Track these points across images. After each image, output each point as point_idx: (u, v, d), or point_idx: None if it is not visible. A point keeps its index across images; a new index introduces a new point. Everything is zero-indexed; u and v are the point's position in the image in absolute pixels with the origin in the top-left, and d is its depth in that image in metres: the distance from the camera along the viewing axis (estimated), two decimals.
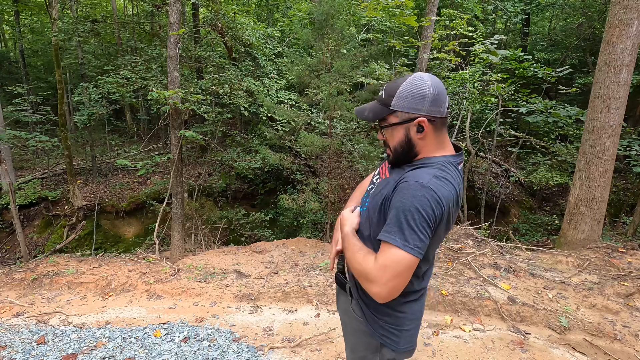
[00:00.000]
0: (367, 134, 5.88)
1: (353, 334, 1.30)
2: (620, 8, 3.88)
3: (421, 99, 1.07)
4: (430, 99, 1.07)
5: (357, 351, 1.29)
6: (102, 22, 9.55)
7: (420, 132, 1.09)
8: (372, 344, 1.23)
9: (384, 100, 1.13)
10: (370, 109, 1.16)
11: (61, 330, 2.97)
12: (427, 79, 1.08)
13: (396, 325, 1.20)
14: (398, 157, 1.16)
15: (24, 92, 8.04)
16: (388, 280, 1.01)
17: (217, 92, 6.62)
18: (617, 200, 7.46)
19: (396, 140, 1.13)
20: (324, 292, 3.32)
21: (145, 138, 10.97)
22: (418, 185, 1.02)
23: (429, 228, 1.01)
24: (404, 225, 1.00)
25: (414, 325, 1.25)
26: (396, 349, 1.21)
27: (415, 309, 1.23)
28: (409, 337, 1.23)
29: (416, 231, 1.00)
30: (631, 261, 3.68)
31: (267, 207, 8.53)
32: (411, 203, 1.00)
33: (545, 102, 6.54)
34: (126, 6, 14.37)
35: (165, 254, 4.76)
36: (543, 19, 13.12)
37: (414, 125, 1.09)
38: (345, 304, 1.33)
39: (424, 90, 1.07)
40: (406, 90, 1.08)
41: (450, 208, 1.06)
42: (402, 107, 1.09)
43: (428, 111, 1.08)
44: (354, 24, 7.80)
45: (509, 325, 2.84)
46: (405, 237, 1.00)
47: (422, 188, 1.01)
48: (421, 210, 0.99)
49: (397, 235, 1.01)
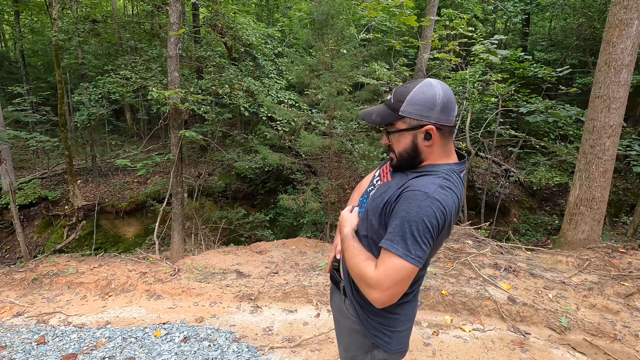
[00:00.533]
0: (367, 134, 5.88)
1: (346, 333, 1.30)
2: (620, 8, 3.88)
3: (431, 107, 1.06)
4: (440, 107, 1.06)
5: (350, 350, 1.29)
6: (102, 22, 9.54)
7: (428, 140, 1.08)
8: (364, 344, 1.24)
9: (392, 105, 1.11)
10: (378, 112, 1.14)
11: (61, 330, 2.97)
12: (437, 86, 1.07)
13: (389, 327, 1.21)
14: (403, 162, 1.14)
15: (24, 92, 8.04)
16: (388, 287, 1.02)
17: (217, 92, 6.62)
18: (617, 200, 7.46)
19: (402, 146, 1.12)
20: (324, 292, 3.32)
21: (145, 138, 10.97)
22: (424, 195, 1.01)
23: (432, 238, 1.02)
24: (407, 235, 1.00)
25: (407, 326, 1.25)
26: (388, 349, 1.21)
27: (408, 311, 1.24)
28: (401, 339, 1.23)
29: (419, 242, 1.00)
30: (631, 261, 3.68)
31: (267, 207, 8.53)
32: (417, 213, 1.00)
33: (545, 102, 6.54)
34: (126, 6, 14.38)
35: (165, 254, 4.76)
36: (543, 19, 13.13)
37: (421, 133, 1.08)
38: (338, 302, 1.33)
39: (434, 97, 1.06)
40: (416, 97, 1.06)
41: (452, 216, 1.06)
42: (411, 113, 1.07)
43: (437, 119, 1.07)
44: (354, 24, 7.80)
45: (509, 325, 2.84)
46: (408, 247, 1.00)
47: (428, 199, 1.00)
48: (426, 221, 0.99)
49: (400, 244, 1.01)
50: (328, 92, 4.88)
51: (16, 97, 8.11)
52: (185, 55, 7.02)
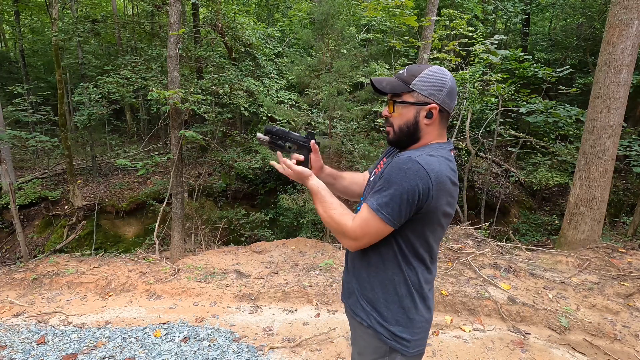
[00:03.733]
0: (367, 134, 5.89)
1: (361, 336, 1.27)
2: (621, 8, 3.88)
3: (440, 88, 1.12)
4: (447, 90, 1.13)
5: (365, 354, 1.26)
6: (102, 22, 9.55)
7: (429, 118, 1.14)
8: (381, 347, 1.21)
9: (404, 78, 1.15)
10: (389, 82, 1.18)
11: (61, 330, 2.97)
12: (448, 73, 1.15)
13: (410, 330, 1.18)
14: (400, 136, 1.18)
15: (24, 92, 8.04)
16: (360, 237, 1.11)
17: (217, 92, 6.62)
18: (617, 200, 7.45)
19: (404, 119, 1.16)
20: (324, 292, 3.32)
21: (145, 138, 10.98)
22: (407, 159, 1.06)
23: (411, 199, 1.04)
24: (384, 193, 1.06)
25: (426, 328, 1.23)
26: (407, 353, 1.18)
27: (426, 314, 1.22)
28: (419, 341, 1.21)
29: (395, 200, 1.04)
30: (631, 261, 3.68)
31: (267, 207, 8.52)
32: (397, 174, 1.05)
33: (545, 102, 6.53)
34: (126, 6, 14.38)
35: (165, 254, 4.75)
36: (543, 19, 13.13)
37: (425, 110, 1.13)
38: (354, 305, 1.29)
39: (444, 80, 1.12)
40: (429, 76, 1.12)
41: (443, 184, 1.06)
42: (421, 89, 1.13)
43: (442, 101, 1.13)
44: (354, 24, 7.80)
45: (509, 325, 2.84)
46: (381, 204, 1.06)
47: (410, 161, 1.05)
48: (405, 182, 1.03)
49: (375, 199, 1.07)
50: (328, 92, 4.88)
51: (16, 97, 8.11)
52: (185, 55, 7.02)
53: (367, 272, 1.21)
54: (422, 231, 1.12)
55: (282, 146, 1.39)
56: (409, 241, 1.13)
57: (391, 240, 1.14)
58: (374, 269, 1.19)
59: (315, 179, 1.27)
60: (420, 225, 1.10)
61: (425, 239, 1.14)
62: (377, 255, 1.17)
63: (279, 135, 1.40)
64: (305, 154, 1.37)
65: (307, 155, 1.37)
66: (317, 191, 1.23)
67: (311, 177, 1.27)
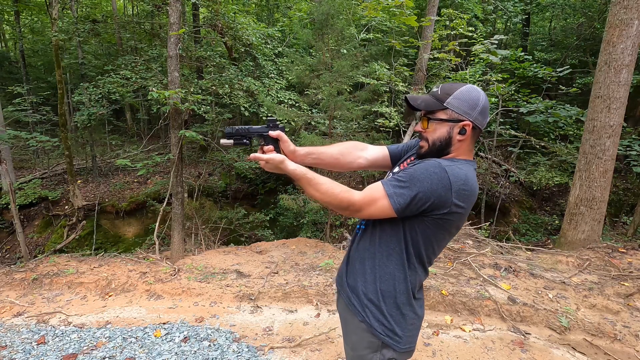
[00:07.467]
0: (367, 134, 5.88)
1: (354, 331, 1.30)
2: (621, 8, 3.88)
3: (474, 106, 1.17)
4: (480, 109, 1.17)
5: (358, 349, 1.29)
6: (102, 22, 9.54)
7: (462, 135, 1.18)
8: (373, 342, 1.24)
9: (439, 96, 1.20)
10: (424, 99, 1.23)
11: (61, 330, 2.97)
12: (481, 92, 1.19)
13: (401, 325, 1.23)
14: (433, 150, 1.23)
15: (24, 92, 8.04)
16: (366, 208, 1.15)
17: (217, 92, 6.61)
18: (617, 200, 7.44)
19: (437, 134, 1.21)
20: (324, 292, 3.32)
21: (145, 138, 10.97)
22: (436, 163, 1.12)
23: (422, 200, 1.09)
24: (403, 184, 1.11)
25: (417, 325, 1.28)
26: (398, 348, 1.23)
27: (418, 310, 1.28)
28: (411, 337, 1.26)
29: (410, 190, 1.09)
30: (631, 261, 3.68)
31: (267, 207, 8.52)
32: (421, 172, 1.10)
33: (545, 102, 6.54)
34: (126, 6, 14.38)
35: (165, 254, 4.75)
36: (543, 19, 13.12)
37: (458, 127, 1.18)
38: (347, 300, 1.33)
39: (477, 99, 1.17)
40: (463, 94, 1.17)
41: (463, 198, 1.11)
42: (455, 107, 1.17)
43: (475, 119, 1.17)
44: (354, 24, 7.80)
45: (509, 325, 2.84)
46: (396, 188, 1.11)
47: (439, 167, 1.10)
48: (426, 182, 1.08)
49: (392, 184, 1.13)
50: (328, 92, 4.88)
51: (16, 97, 8.11)
52: (185, 55, 7.01)
53: (371, 262, 1.25)
54: (432, 236, 1.18)
55: (249, 144, 1.35)
56: (417, 243, 1.19)
57: (401, 238, 1.19)
58: (377, 261, 1.24)
59: (292, 164, 1.25)
60: (432, 230, 1.16)
61: (432, 244, 1.20)
62: (384, 249, 1.22)
63: (240, 135, 1.35)
64: (273, 142, 1.33)
65: (274, 143, 1.33)
66: (302, 175, 1.22)
67: (285, 161, 1.24)
